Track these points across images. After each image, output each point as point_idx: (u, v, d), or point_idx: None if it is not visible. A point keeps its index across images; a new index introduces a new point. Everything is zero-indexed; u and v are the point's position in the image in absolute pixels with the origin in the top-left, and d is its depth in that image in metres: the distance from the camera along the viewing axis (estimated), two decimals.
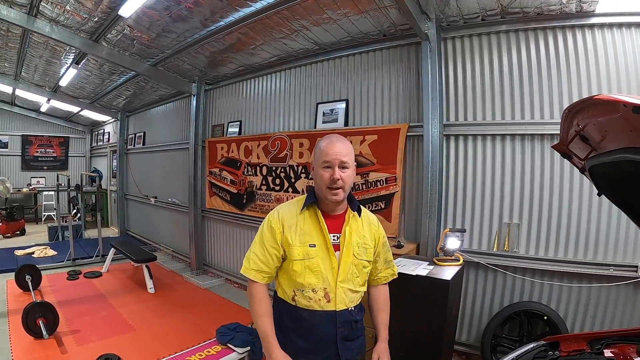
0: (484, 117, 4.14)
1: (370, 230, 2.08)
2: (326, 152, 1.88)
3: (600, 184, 1.87)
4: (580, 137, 1.63)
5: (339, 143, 1.90)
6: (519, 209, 3.99)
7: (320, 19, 4.48)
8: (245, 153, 6.47)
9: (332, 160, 1.86)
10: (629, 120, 1.20)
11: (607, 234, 3.62)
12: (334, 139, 1.93)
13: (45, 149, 13.72)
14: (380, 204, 4.67)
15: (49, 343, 4.34)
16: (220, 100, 7.33)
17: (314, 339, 1.93)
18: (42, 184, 13.50)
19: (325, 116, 5.35)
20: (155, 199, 9.41)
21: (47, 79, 8.63)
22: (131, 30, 5.37)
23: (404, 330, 3.08)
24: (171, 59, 6.27)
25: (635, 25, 3.49)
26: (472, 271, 4.23)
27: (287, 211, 2.00)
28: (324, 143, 1.92)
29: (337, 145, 1.88)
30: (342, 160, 1.87)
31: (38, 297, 5.52)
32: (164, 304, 5.83)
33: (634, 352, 1.81)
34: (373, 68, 4.92)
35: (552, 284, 3.84)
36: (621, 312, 3.59)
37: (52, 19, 5.20)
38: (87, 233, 10.22)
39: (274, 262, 1.95)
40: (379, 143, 4.67)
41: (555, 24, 3.76)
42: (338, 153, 1.86)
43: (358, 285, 2.00)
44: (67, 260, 7.76)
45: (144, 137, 10.12)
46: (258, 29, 4.89)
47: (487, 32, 4.10)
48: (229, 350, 3.91)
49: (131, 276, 7.15)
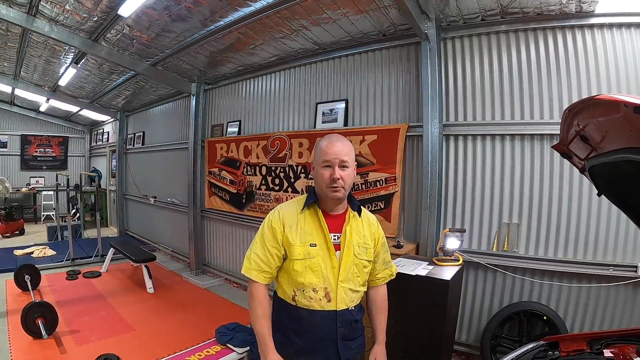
0: (483, 117, 4.14)
1: (370, 230, 2.08)
2: (326, 152, 1.88)
3: (600, 184, 1.86)
4: (580, 137, 1.62)
5: (339, 142, 1.90)
6: (518, 209, 3.98)
7: (320, 18, 4.47)
8: (245, 153, 6.46)
9: (332, 160, 1.86)
10: (629, 121, 1.20)
11: (606, 234, 3.62)
12: (334, 138, 1.93)
13: (44, 148, 13.70)
14: (380, 204, 4.67)
15: (48, 343, 4.33)
16: (220, 100, 7.32)
17: (314, 338, 1.93)
18: (41, 183, 13.49)
19: (324, 116, 5.35)
20: (155, 199, 9.39)
21: (46, 79, 8.62)
22: (131, 29, 5.36)
23: (403, 330, 3.08)
24: (171, 58, 6.27)
25: (635, 26, 3.49)
26: (471, 271, 4.23)
27: (288, 210, 1.99)
28: (324, 142, 1.92)
29: (337, 145, 1.89)
30: (342, 160, 1.87)
31: (37, 297, 5.51)
32: (163, 304, 5.82)
33: (633, 352, 1.81)
34: (373, 68, 4.92)
35: (552, 284, 3.84)
36: (621, 312, 3.59)
37: (52, 18, 5.19)
38: (86, 233, 10.23)
39: (275, 261, 1.94)
40: (378, 143, 4.66)
41: (554, 24, 3.75)
42: (338, 152, 1.86)
43: (358, 285, 2.00)
44: (66, 260, 7.75)
45: (143, 136, 10.11)
46: (258, 28, 4.89)
47: (487, 32, 4.10)
48: (229, 350, 3.91)
49: (130, 276, 7.14)
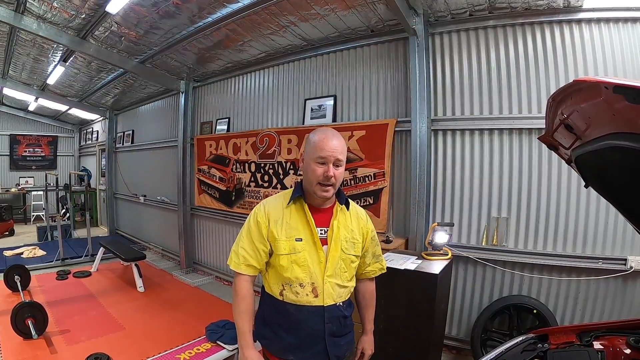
0: (472, 111, 4.16)
1: (359, 224, 2.05)
2: (322, 147, 1.82)
3: (587, 175, 1.84)
4: (564, 125, 1.61)
5: (336, 139, 1.86)
6: (507, 203, 4.01)
7: (308, 14, 4.46)
8: (234, 150, 6.45)
9: (328, 157, 1.81)
10: (610, 104, 1.19)
11: (595, 227, 3.65)
12: (330, 133, 1.88)
13: (33, 148, 13.55)
14: (369, 199, 4.68)
15: (39, 343, 4.29)
16: (209, 97, 7.30)
17: (302, 334, 1.90)
18: (30, 184, 13.33)
19: (313, 112, 5.35)
20: (145, 198, 9.35)
21: (34, 77, 8.54)
22: (119, 27, 5.32)
23: (393, 324, 3.08)
24: (159, 56, 6.23)
25: (622, 21, 3.52)
26: (461, 265, 4.24)
27: (274, 205, 1.96)
28: (320, 136, 1.87)
29: (334, 141, 1.84)
30: (338, 158, 1.83)
31: (27, 297, 5.46)
32: (153, 303, 5.79)
33: (623, 343, 1.81)
34: (361, 64, 4.92)
35: (542, 278, 3.86)
36: (610, 304, 3.63)
37: (40, 16, 5.13)
38: (76, 233, 10.16)
39: (262, 257, 1.91)
40: (367, 138, 4.67)
41: (542, 19, 3.78)
42: (335, 150, 1.82)
43: (346, 280, 1.97)
44: (56, 260, 7.69)
45: (132, 135, 10.04)
46: (246, 25, 4.87)
47: (475, 28, 4.12)
48: (219, 348, 3.90)
49: (121, 275, 7.09)
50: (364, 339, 2.21)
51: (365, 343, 2.19)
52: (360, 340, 2.19)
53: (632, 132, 1.23)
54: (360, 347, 2.16)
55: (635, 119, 1.16)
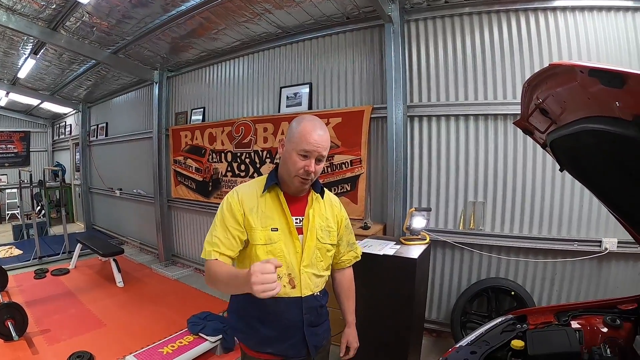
0: (447, 97, 4.19)
1: (333, 212, 2.02)
2: (307, 140, 1.72)
3: (562, 159, 1.87)
4: (540, 110, 1.62)
5: (322, 131, 1.77)
6: (483, 187, 4.07)
7: (283, 1, 4.41)
8: (210, 140, 6.41)
9: (311, 151, 1.73)
10: (585, 88, 1.20)
11: (570, 209, 3.73)
12: (318, 124, 1.79)
13: (5, 145, 13.18)
14: (346, 186, 4.69)
15: (19, 345, 4.21)
16: (183, 87, 7.19)
17: (280, 326, 1.86)
18: (3, 181, 12.95)
19: (289, 100, 5.33)
20: (121, 191, 9.20)
21: (5, 71, 8.26)
22: (90, 17, 5.17)
23: (373, 311, 3.09)
24: (132, 45, 6.09)
25: (597, 9, 3.58)
26: (439, 250, 4.30)
27: (247, 192, 1.88)
28: (306, 127, 1.76)
29: (320, 135, 1.76)
30: (321, 154, 1.77)
31: (5, 298, 5.34)
32: (133, 298, 5.74)
33: (600, 322, 1.86)
34: (337, 51, 4.90)
35: (519, 260, 3.94)
36: (586, 285, 3.73)
37: (9, 7, 4.93)
38: (52, 230, 9.98)
39: (237, 245, 1.81)
40: (343, 125, 4.68)
41: (518, 7, 3.81)
42: (319, 145, 1.74)
43: (322, 269, 1.94)
44: (33, 259, 7.53)
45: (106, 127, 9.83)
46: (220, 13, 4.79)
47: (451, 15, 4.13)
48: (201, 340, 3.90)
49: (99, 271, 7.00)
50: (347, 331, 2.16)
51: (349, 336, 2.15)
52: (344, 334, 2.15)
53: (607, 116, 1.24)
54: (344, 340, 2.13)
55: (609, 102, 1.17)
